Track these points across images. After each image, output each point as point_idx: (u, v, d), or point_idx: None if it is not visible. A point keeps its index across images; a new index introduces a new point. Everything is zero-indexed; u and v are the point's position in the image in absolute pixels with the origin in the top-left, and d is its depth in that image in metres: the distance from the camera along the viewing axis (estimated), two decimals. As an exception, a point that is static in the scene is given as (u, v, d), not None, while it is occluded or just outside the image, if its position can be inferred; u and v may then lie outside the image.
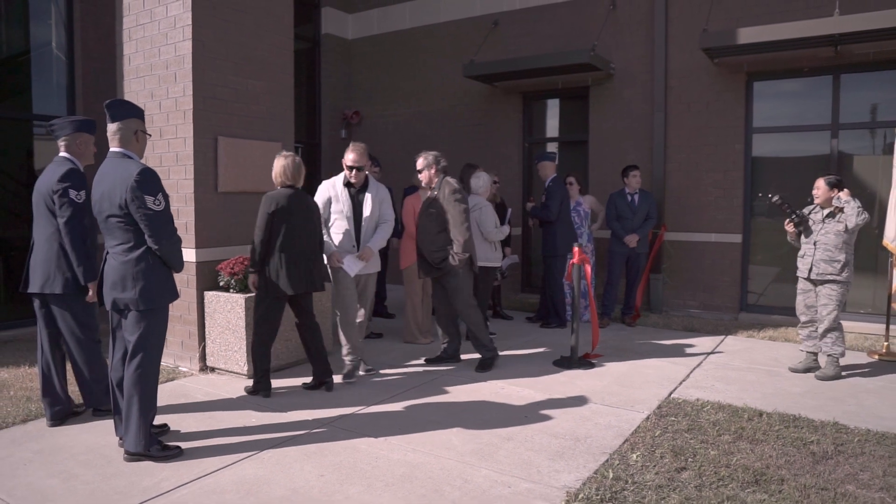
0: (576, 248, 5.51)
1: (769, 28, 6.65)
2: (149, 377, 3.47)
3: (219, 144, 5.17)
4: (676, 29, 7.80)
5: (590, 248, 7.33)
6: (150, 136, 3.70)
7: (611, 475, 3.38)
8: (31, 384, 4.88)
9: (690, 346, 6.28)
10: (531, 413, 4.34)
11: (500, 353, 5.74)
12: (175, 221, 5.10)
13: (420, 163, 5.41)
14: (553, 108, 9.05)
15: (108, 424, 4.05)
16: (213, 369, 5.15)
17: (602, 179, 8.27)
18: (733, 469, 3.49)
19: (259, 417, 4.22)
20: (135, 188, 3.33)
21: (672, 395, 4.74)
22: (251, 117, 5.44)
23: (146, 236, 3.41)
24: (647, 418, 4.25)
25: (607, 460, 3.60)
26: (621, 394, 4.78)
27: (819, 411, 4.40)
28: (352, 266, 4.99)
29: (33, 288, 3.97)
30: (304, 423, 4.09)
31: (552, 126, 9.09)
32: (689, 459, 3.60)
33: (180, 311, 5.23)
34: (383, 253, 6.71)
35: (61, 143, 4.06)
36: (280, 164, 4.59)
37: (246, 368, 4.98)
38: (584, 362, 5.51)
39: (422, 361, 5.66)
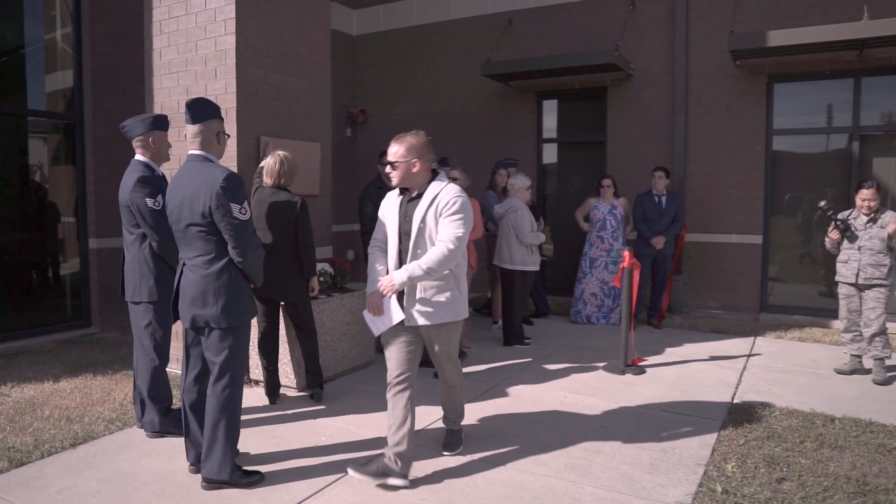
0: (626, 252, 5.41)
1: (798, 31, 6.65)
2: (236, 401, 3.22)
3: (261, 145, 4.91)
4: (697, 31, 7.78)
5: (626, 254, 7.17)
6: (228, 136, 3.44)
7: (719, 489, 3.28)
8: (64, 402, 4.55)
9: (725, 348, 6.24)
10: (606, 423, 4.22)
11: (543, 359, 5.60)
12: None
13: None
14: (569, 109, 8.95)
15: (166, 447, 3.78)
16: (256, 382, 4.88)
17: (620, 181, 8.16)
18: (833, 479, 3.42)
19: (329, 436, 3.99)
20: (220, 195, 3.07)
21: (735, 401, 4.68)
22: (291, 116, 5.19)
23: (229, 247, 3.15)
24: (724, 426, 4.17)
25: (706, 472, 3.49)
26: (684, 400, 4.69)
27: (885, 415, 4.37)
28: (373, 323, 3.38)
29: (126, 296, 3.91)
30: (378, 442, 3.88)
31: (568, 126, 8.98)
32: (785, 469, 3.53)
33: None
34: None
35: (136, 144, 3.87)
36: (266, 164, 4.40)
37: (295, 381, 4.75)
38: (635, 367, 5.41)
39: (467, 370, 5.48)
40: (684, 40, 7.82)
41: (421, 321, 3.30)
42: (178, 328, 4.18)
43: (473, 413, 4.38)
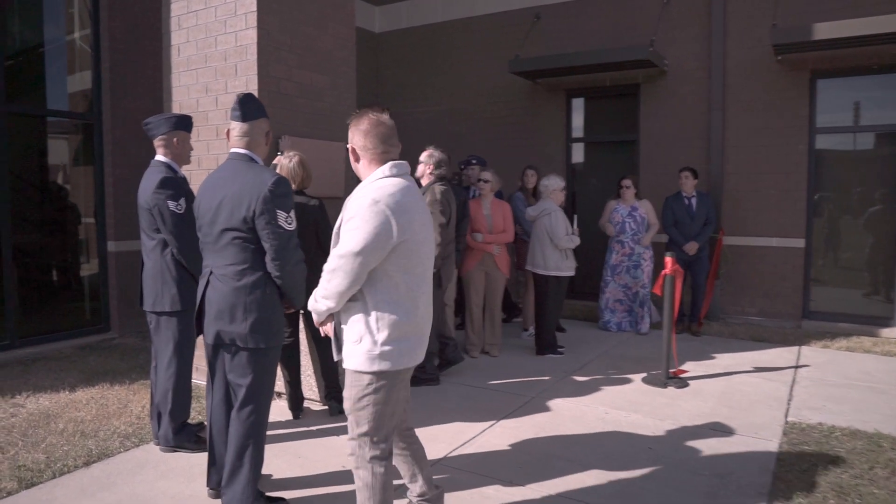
0: (668, 259, 5.10)
1: (845, 23, 6.30)
2: (262, 426, 2.95)
3: (282, 144, 4.67)
4: (735, 25, 7.43)
5: (648, 255, 6.92)
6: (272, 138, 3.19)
7: (788, 524, 2.97)
8: (79, 414, 4.35)
9: (770, 358, 5.90)
10: (654, 443, 3.92)
11: (578, 370, 5.31)
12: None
13: (423, 156, 5.18)
14: (599, 107, 8.62)
15: (184, 467, 3.55)
16: (279, 395, 4.64)
17: (654, 181, 7.87)
18: (912, 512, 3.10)
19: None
20: (268, 199, 2.75)
21: (790, 419, 4.35)
22: (315, 114, 4.95)
23: (268, 259, 2.82)
24: (781, 448, 3.85)
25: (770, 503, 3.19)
26: (734, 417, 4.37)
27: (957, 436, 4.03)
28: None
29: (146, 305, 3.69)
30: (409, 461, 3.62)
31: (598, 125, 8.66)
32: (857, 501, 3.21)
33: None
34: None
35: (158, 144, 3.64)
36: (282, 166, 4.12)
37: (318, 394, 4.50)
38: (677, 380, 5.10)
39: (499, 381, 5.21)
40: (722, 34, 7.47)
41: (344, 364, 2.53)
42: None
43: (510, 431, 4.10)
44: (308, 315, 4.24)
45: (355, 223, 2.37)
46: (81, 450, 3.73)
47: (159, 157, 3.69)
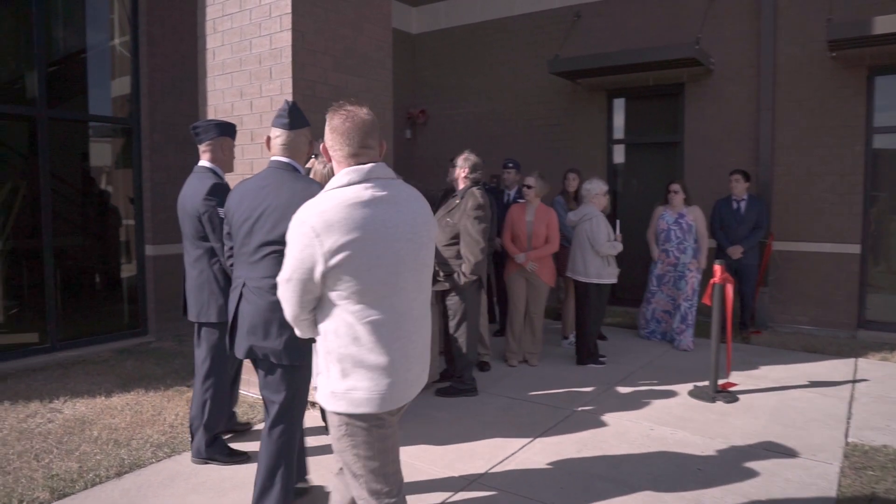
0: (717, 267, 4.85)
1: (910, 16, 5.95)
2: (294, 444, 2.83)
3: (315, 149, 4.57)
4: (786, 20, 7.11)
5: (695, 265, 6.54)
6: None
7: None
8: (114, 421, 4.32)
9: (824, 371, 5.59)
10: (703, 464, 3.70)
11: (621, 381, 5.10)
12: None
13: (459, 160, 5.05)
14: (642, 107, 8.36)
15: (215, 480, 3.47)
16: (313, 404, 4.54)
17: (699, 185, 7.58)
18: None
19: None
20: None
21: (850, 440, 4.08)
22: (351, 118, 4.84)
23: None
24: (843, 473, 3.60)
25: (833, 535, 2.96)
26: (789, 437, 4.11)
27: None
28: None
29: (191, 316, 3.61)
30: (445, 482, 3.49)
31: (640, 126, 8.40)
32: (930, 534, 2.95)
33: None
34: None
35: (205, 149, 3.57)
36: (316, 171, 3.96)
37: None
38: (726, 393, 4.85)
39: (539, 392, 5.03)
40: (771, 31, 7.15)
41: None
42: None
43: (551, 447, 3.93)
44: None
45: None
46: (114, 459, 3.68)
47: (204, 162, 3.61)
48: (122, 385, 5.16)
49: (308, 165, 4.14)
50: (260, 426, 4.24)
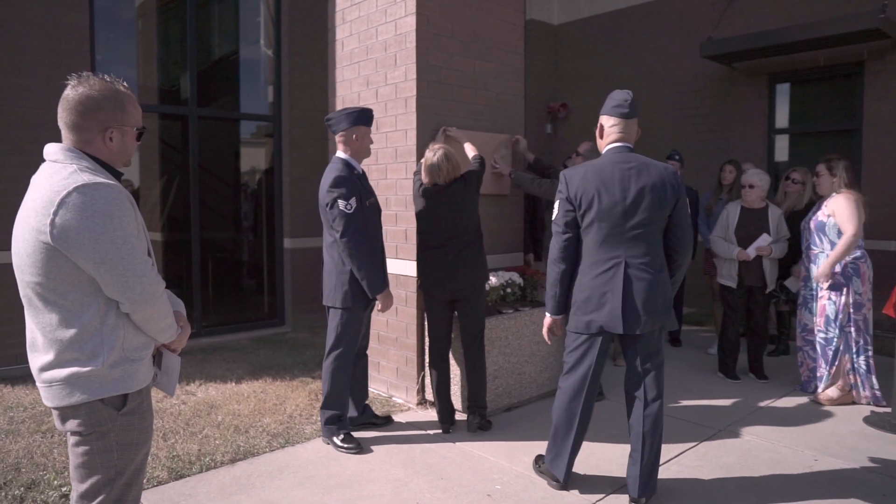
0: (907, 271, 4.05)
1: None
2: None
3: (438, 137, 4.37)
4: None
5: (828, 283, 5.18)
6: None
7: None
8: (238, 407, 4.39)
9: None
10: (885, 510, 3.04)
11: (777, 399, 4.41)
12: (394, 227, 4.43)
13: (582, 148, 5.08)
14: (810, 92, 7.39)
15: (323, 476, 3.36)
16: (433, 403, 4.35)
17: (880, 178, 6.55)
18: None
19: (505, 484, 3.31)
20: (678, 189, 3.06)
21: None
22: (478, 105, 4.60)
23: (680, 250, 3.13)
24: None
25: None
26: None
27: None
28: None
29: (325, 300, 3.75)
30: (564, 498, 3.12)
31: (808, 113, 7.42)
32: None
33: (396, 334, 4.52)
34: None
35: (339, 140, 3.67)
36: (427, 160, 3.84)
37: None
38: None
39: (679, 404, 4.49)
40: (984, -6, 6.00)
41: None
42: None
43: (691, 470, 3.43)
44: (467, 306, 3.92)
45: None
46: (231, 445, 3.70)
47: (339, 153, 3.69)
48: (253, 373, 5.29)
49: (423, 161, 3.93)
50: (400, 418, 4.23)
